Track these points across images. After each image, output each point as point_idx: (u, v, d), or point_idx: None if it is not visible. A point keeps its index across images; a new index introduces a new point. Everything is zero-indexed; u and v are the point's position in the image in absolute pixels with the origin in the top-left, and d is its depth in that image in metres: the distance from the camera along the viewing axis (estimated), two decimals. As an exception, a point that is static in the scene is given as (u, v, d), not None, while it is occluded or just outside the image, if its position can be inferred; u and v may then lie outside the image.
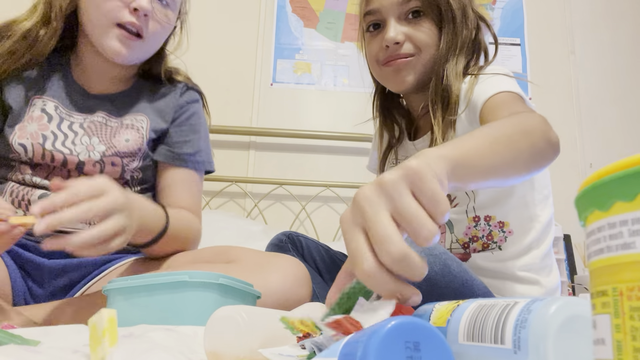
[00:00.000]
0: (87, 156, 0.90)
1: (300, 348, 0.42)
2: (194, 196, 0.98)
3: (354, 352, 0.30)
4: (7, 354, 0.39)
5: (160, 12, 0.89)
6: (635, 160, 0.21)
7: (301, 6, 2.28)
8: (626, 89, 2.33)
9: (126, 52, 0.87)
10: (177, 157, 0.97)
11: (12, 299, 0.85)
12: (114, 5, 0.84)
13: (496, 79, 0.81)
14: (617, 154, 2.22)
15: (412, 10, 0.85)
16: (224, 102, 2.18)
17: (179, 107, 1.00)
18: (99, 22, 0.86)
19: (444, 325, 0.42)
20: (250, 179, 2.10)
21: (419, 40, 0.85)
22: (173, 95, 1.00)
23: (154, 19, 0.88)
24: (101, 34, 0.86)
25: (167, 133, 0.98)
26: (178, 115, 0.99)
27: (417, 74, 0.87)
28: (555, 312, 0.33)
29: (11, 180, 0.90)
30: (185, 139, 0.98)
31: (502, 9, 2.35)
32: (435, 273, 0.64)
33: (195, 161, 0.98)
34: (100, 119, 0.93)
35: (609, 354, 0.21)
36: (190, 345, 0.48)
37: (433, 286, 0.64)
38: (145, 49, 0.92)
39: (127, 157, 0.93)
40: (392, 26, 0.85)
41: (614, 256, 0.21)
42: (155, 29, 0.89)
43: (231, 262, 0.81)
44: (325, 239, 2.07)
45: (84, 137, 0.91)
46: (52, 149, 0.88)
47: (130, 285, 0.65)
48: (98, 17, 0.85)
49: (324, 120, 2.20)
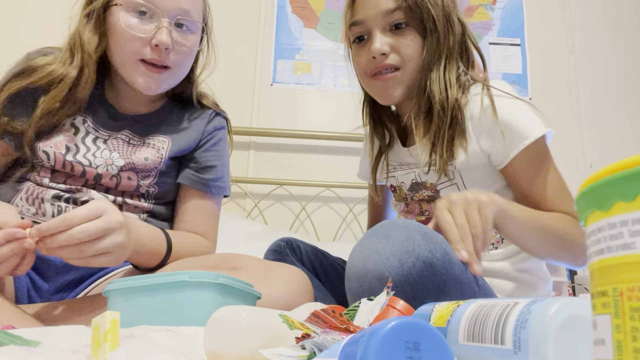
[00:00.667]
0: (105, 170, 0.92)
1: (300, 348, 0.42)
2: (210, 221, 1.01)
3: (354, 352, 0.30)
4: (7, 355, 0.39)
5: (181, 41, 0.90)
6: (635, 160, 0.21)
7: (301, 6, 2.29)
8: (626, 89, 2.33)
9: (154, 85, 0.91)
10: (201, 182, 0.99)
11: (15, 292, 0.86)
12: (136, 44, 0.87)
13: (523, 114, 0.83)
14: (617, 154, 2.22)
15: (396, 23, 0.87)
16: (224, 102, 2.17)
17: (207, 132, 1.02)
18: (126, 61, 0.89)
19: (444, 326, 0.42)
20: (250, 179, 2.10)
21: (403, 52, 0.87)
22: (201, 121, 1.03)
23: (176, 50, 0.90)
24: (129, 71, 0.90)
25: (192, 158, 1.01)
26: (206, 141, 1.02)
27: (403, 87, 0.89)
28: (556, 313, 0.33)
29: (29, 181, 0.92)
30: (210, 165, 1.01)
31: (502, 9, 2.35)
32: (436, 259, 0.66)
33: (217, 187, 1.01)
34: (123, 137, 0.96)
35: (609, 355, 0.21)
36: (190, 345, 0.48)
37: (434, 273, 0.66)
38: (174, 78, 0.94)
39: (143, 173, 0.96)
40: (378, 37, 0.87)
41: (614, 256, 0.21)
42: (179, 58, 0.91)
43: (236, 269, 0.82)
44: (325, 239, 2.07)
45: (104, 151, 0.94)
46: (72, 159, 0.90)
47: (130, 286, 0.65)
48: (123, 56, 0.89)
49: (324, 121, 2.20)
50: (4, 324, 0.64)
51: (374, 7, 0.87)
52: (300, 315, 0.48)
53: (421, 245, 0.66)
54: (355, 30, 0.91)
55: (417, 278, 0.65)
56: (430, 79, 0.86)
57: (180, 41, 0.90)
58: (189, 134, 1.00)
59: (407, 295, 0.64)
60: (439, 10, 0.87)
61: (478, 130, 0.85)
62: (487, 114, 0.83)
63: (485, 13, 2.35)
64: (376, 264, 0.66)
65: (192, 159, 1.00)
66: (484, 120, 0.84)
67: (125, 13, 0.86)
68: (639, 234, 0.20)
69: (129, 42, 0.87)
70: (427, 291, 0.65)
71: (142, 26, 0.87)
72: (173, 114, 1.01)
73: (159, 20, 0.87)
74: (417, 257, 0.65)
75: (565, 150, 2.24)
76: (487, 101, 0.83)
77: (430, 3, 0.86)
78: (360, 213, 2.11)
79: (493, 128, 0.83)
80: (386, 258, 0.66)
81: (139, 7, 0.86)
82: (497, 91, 0.84)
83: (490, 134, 0.84)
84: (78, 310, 0.80)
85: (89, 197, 0.90)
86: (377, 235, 0.69)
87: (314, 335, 0.41)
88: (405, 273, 0.64)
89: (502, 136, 0.82)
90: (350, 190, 2.10)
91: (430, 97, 0.86)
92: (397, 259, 0.65)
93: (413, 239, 0.66)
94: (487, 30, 2.33)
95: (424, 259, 0.65)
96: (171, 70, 0.91)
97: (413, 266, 0.65)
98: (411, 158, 0.95)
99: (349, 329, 0.42)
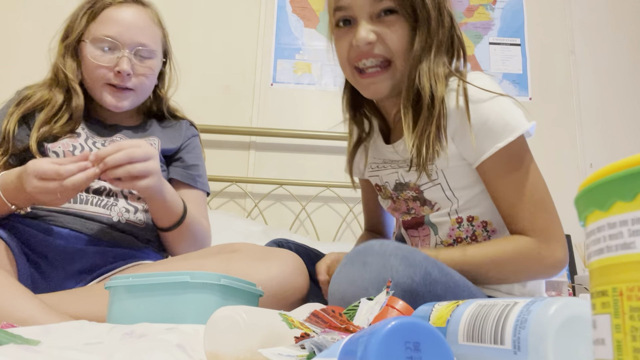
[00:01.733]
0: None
1: (300, 348, 0.42)
2: (202, 208, 1.15)
3: (354, 352, 0.30)
4: (7, 354, 0.39)
5: (141, 67, 1.06)
6: (635, 160, 0.21)
7: (301, 6, 2.28)
8: (626, 89, 2.33)
9: (120, 104, 1.06)
10: (190, 177, 1.14)
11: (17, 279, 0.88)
12: (102, 71, 1.04)
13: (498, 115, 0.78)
14: (617, 154, 2.22)
15: (385, 9, 0.81)
16: (225, 102, 2.19)
17: (187, 137, 1.19)
18: (94, 84, 1.06)
19: (444, 326, 0.42)
20: (250, 179, 2.10)
21: (390, 42, 0.82)
22: (179, 128, 1.20)
23: (137, 74, 1.06)
24: (98, 93, 1.06)
25: (180, 157, 1.16)
26: (188, 144, 1.19)
27: (392, 82, 0.85)
28: (555, 313, 0.33)
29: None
30: (194, 164, 1.17)
31: (502, 9, 2.35)
32: (416, 284, 0.64)
33: (202, 183, 1.17)
34: (118, 139, 1.10)
35: (609, 354, 0.21)
36: (191, 343, 0.48)
37: (416, 296, 0.64)
38: (137, 97, 1.10)
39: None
40: (363, 26, 0.82)
41: (613, 256, 0.21)
42: (140, 81, 1.07)
43: (235, 251, 0.88)
44: (326, 239, 2.07)
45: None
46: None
47: (132, 284, 0.65)
48: (92, 80, 1.05)
49: (324, 121, 2.19)
50: (3, 323, 0.64)
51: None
52: (300, 315, 0.48)
53: (399, 271, 0.64)
54: (339, 15, 0.85)
55: None
56: (421, 70, 0.81)
57: (140, 67, 1.06)
58: (172, 136, 1.17)
59: None
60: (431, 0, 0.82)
61: (452, 128, 0.81)
62: (461, 113, 0.79)
63: (485, 13, 2.35)
64: (354, 295, 0.65)
65: (178, 159, 1.16)
66: (458, 119, 0.80)
67: (92, 47, 1.04)
68: (639, 234, 0.20)
69: (96, 70, 1.04)
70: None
71: (107, 57, 1.04)
72: (155, 125, 1.19)
73: (120, 51, 1.03)
74: (395, 285, 0.63)
75: (565, 150, 2.24)
76: (461, 101, 0.79)
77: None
78: (360, 213, 2.11)
79: (465, 128, 0.79)
80: (364, 289, 0.65)
81: (104, 43, 1.03)
82: (474, 88, 0.79)
83: (463, 135, 0.80)
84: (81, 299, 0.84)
85: (100, 185, 1.01)
86: (354, 263, 0.68)
87: (314, 335, 0.41)
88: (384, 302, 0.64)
89: (473, 138, 0.78)
90: (351, 190, 2.09)
91: (420, 89, 0.81)
92: (375, 289, 0.63)
93: (390, 266, 0.65)
94: (487, 30, 2.33)
95: (403, 287, 0.64)
96: (134, 91, 1.07)
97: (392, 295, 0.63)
98: (395, 155, 0.92)
99: (349, 328, 0.42)
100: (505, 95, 0.80)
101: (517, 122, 0.78)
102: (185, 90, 2.20)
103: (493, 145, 0.78)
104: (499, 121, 0.78)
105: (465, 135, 0.80)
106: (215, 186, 2.04)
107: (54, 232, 0.96)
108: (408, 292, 0.64)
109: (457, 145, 0.82)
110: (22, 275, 0.89)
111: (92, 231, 0.98)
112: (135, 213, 1.03)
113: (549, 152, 2.18)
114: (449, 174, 0.84)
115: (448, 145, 0.81)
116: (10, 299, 0.71)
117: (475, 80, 0.80)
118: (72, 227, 0.96)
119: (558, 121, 2.26)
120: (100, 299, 0.79)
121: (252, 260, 0.84)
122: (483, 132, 0.78)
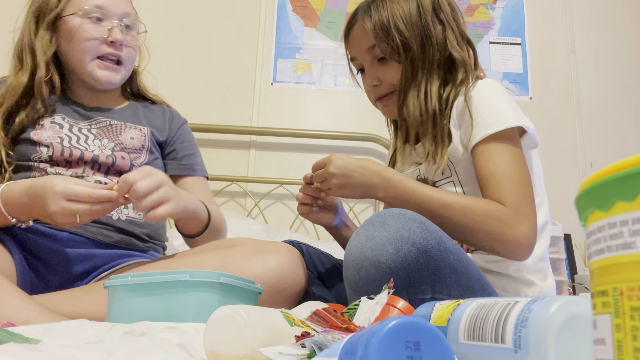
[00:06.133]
0: (100, 152, 1.03)
1: (300, 347, 0.42)
2: (208, 194, 1.15)
3: (355, 352, 0.30)
4: (7, 353, 0.39)
5: (128, 38, 1.06)
6: (636, 160, 0.21)
7: (302, 5, 2.28)
8: (627, 88, 2.32)
9: (113, 78, 1.05)
10: (188, 168, 1.14)
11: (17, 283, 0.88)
12: (94, 43, 1.02)
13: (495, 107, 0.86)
14: (618, 153, 2.22)
15: (378, 57, 0.95)
16: (225, 102, 2.18)
17: (175, 128, 1.18)
18: (84, 58, 1.03)
19: (445, 325, 0.42)
20: (250, 179, 2.10)
21: (390, 80, 0.96)
22: (163, 117, 1.18)
23: (127, 45, 1.06)
24: (88, 69, 1.03)
25: (173, 150, 1.15)
26: (178, 134, 1.17)
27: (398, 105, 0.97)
28: (556, 312, 0.33)
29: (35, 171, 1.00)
30: (190, 153, 1.17)
31: (502, 9, 2.35)
32: (431, 246, 0.68)
33: (201, 169, 1.17)
34: (104, 123, 1.08)
35: (609, 354, 0.21)
36: (192, 342, 0.48)
37: (429, 260, 0.68)
38: (127, 71, 1.09)
39: (134, 154, 1.07)
40: (367, 73, 0.99)
41: (614, 256, 0.21)
42: (129, 53, 1.08)
43: (233, 246, 0.88)
44: (326, 239, 2.07)
45: (95, 140, 1.05)
46: (69, 145, 1.01)
47: (131, 283, 0.65)
48: (81, 54, 1.02)
49: (324, 120, 2.19)
50: (3, 322, 0.64)
51: (359, 46, 0.97)
52: (301, 314, 0.48)
53: (417, 232, 0.68)
54: (354, 64, 1.03)
55: (412, 265, 0.67)
56: (406, 104, 0.92)
57: (127, 38, 1.06)
58: (159, 127, 1.15)
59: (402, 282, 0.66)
60: (411, 29, 0.91)
61: (458, 121, 0.90)
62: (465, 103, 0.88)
63: (485, 12, 2.34)
64: (372, 251, 0.68)
65: (172, 152, 1.15)
66: (462, 109, 0.88)
67: (81, 19, 1.01)
68: (639, 234, 0.20)
69: (87, 43, 1.01)
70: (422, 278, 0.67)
71: (98, 28, 1.02)
72: (139, 109, 1.16)
73: (110, 22, 1.02)
74: (412, 244, 0.67)
75: (566, 149, 2.24)
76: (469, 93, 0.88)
77: (399, 29, 0.90)
78: (360, 212, 2.11)
79: (466, 116, 0.87)
80: (382, 245, 0.68)
81: (94, 13, 1.01)
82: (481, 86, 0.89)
83: (464, 122, 0.88)
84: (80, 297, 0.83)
85: (95, 180, 1.00)
86: (373, 223, 0.71)
87: (314, 334, 0.41)
88: (401, 260, 0.67)
89: (471, 122, 0.86)
90: (351, 190, 2.10)
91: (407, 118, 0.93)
92: (393, 246, 0.67)
93: (409, 227, 0.68)
94: (488, 30, 2.33)
95: (419, 246, 0.67)
96: (124, 65, 1.07)
97: (408, 253, 0.67)
98: (417, 157, 1.00)
99: (350, 328, 0.42)
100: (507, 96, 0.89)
101: (511, 117, 0.85)
102: (186, 90, 2.21)
103: (483, 132, 0.84)
104: (494, 114, 0.85)
105: (466, 123, 0.88)
106: (216, 185, 2.04)
107: (53, 236, 0.95)
108: (423, 252, 0.68)
109: (460, 135, 0.90)
110: (21, 279, 0.88)
111: (92, 233, 0.97)
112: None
113: (549, 151, 2.17)
114: (459, 169, 0.91)
115: (453, 132, 0.90)
116: (4, 301, 0.70)
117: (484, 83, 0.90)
118: (71, 230, 0.95)
119: (558, 121, 2.25)
120: (99, 298, 0.79)
121: (248, 254, 0.84)
122: (478, 121, 0.86)
